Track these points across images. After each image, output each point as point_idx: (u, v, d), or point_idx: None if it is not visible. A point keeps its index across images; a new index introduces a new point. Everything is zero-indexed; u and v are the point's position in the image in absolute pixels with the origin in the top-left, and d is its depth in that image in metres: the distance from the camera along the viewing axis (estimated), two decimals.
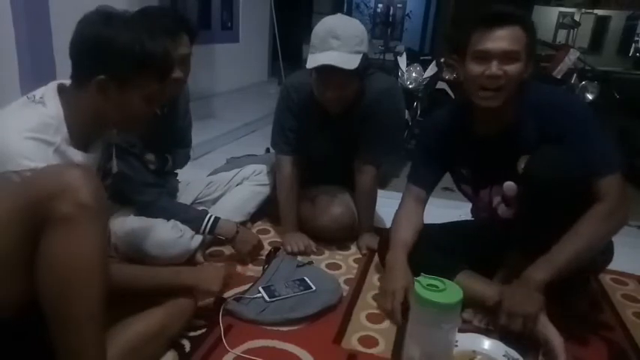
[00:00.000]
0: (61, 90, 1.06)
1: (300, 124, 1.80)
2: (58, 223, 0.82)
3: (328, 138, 1.79)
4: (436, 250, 1.45)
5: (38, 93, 1.04)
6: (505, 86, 1.26)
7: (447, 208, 1.98)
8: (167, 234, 1.55)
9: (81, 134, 1.06)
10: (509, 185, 1.38)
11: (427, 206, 1.58)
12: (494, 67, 1.24)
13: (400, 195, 1.60)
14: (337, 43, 1.53)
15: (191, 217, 1.64)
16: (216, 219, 1.65)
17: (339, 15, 1.67)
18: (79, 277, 0.85)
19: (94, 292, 0.87)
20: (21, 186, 0.85)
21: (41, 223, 0.82)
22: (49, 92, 1.04)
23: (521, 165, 1.31)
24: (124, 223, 1.55)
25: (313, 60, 1.55)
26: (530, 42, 1.26)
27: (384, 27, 13.89)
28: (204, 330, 1.29)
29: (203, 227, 1.63)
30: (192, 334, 1.26)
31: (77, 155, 1.05)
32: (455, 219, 1.71)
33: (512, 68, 1.24)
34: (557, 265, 1.23)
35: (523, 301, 1.22)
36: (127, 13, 1.06)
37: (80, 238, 0.84)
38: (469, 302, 1.29)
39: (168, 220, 1.60)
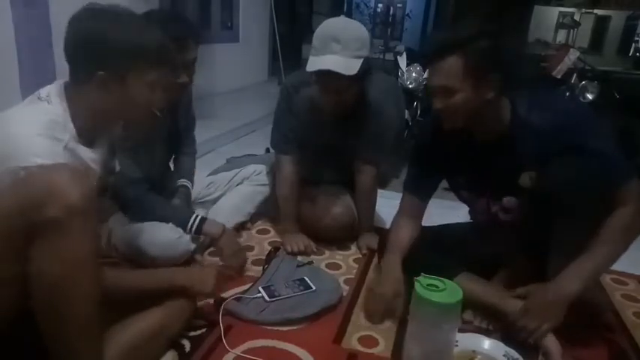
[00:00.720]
0: (67, 88, 1.06)
1: (300, 125, 1.80)
2: (46, 228, 0.80)
3: (328, 138, 1.79)
4: (435, 251, 1.44)
5: (44, 91, 1.04)
6: (453, 115, 1.26)
7: (447, 209, 1.97)
8: (166, 234, 1.54)
9: (87, 131, 1.06)
10: (509, 199, 1.38)
11: (426, 207, 1.57)
12: (435, 103, 1.27)
13: (400, 195, 1.60)
14: (338, 47, 1.52)
15: (177, 216, 1.61)
16: (203, 218, 1.61)
17: (341, 18, 1.66)
18: (71, 283, 0.84)
19: (88, 298, 0.86)
20: (10, 190, 0.83)
21: (31, 229, 0.81)
22: (54, 90, 1.04)
23: (526, 181, 1.29)
24: (124, 223, 1.55)
25: (313, 63, 1.55)
26: (474, 66, 1.19)
27: (384, 27, 13.90)
28: (204, 330, 1.29)
29: (189, 226, 1.59)
30: (192, 334, 1.26)
31: (87, 152, 1.05)
32: (454, 220, 1.70)
33: (451, 102, 1.23)
34: (588, 275, 1.22)
35: (550, 307, 1.21)
36: (115, 7, 1.05)
37: (69, 244, 0.82)
38: (469, 303, 1.29)
39: (154, 219, 1.57)
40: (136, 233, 1.51)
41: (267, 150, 2.19)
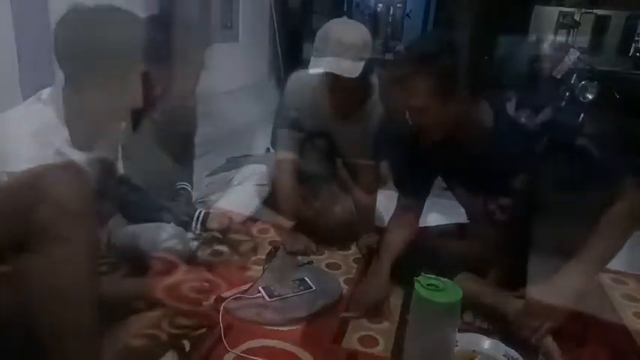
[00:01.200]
0: (64, 90, 1.05)
1: (302, 124, 1.80)
2: (38, 234, 0.77)
3: (329, 138, 1.79)
4: (434, 252, 1.45)
5: (45, 93, 1.04)
6: (429, 130, 1.29)
7: (446, 208, 1.98)
8: (167, 234, 1.54)
9: (83, 135, 1.05)
10: (504, 200, 1.38)
11: (425, 207, 1.57)
12: (410, 119, 1.31)
13: None
14: (341, 50, 1.51)
15: (180, 215, 1.60)
16: (207, 213, 1.60)
17: (343, 19, 1.67)
18: (67, 293, 0.82)
19: (85, 301, 0.85)
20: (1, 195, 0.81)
21: (22, 236, 0.78)
22: (52, 93, 1.04)
23: (519, 181, 1.29)
24: (124, 224, 1.55)
25: (316, 64, 1.55)
26: (439, 84, 1.20)
27: (384, 27, 13.88)
28: (204, 330, 1.28)
29: (194, 223, 1.58)
30: (192, 334, 1.26)
31: (80, 156, 1.04)
32: (454, 220, 1.70)
33: (424, 119, 1.27)
34: (587, 271, 1.22)
35: (552, 305, 1.20)
36: (103, 6, 1.03)
37: (63, 253, 0.79)
38: (469, 304, 1.28)
39: (156, 220, 1.56)
40: (136, 234, 1.51)
41: (267, 150, 2.20)
